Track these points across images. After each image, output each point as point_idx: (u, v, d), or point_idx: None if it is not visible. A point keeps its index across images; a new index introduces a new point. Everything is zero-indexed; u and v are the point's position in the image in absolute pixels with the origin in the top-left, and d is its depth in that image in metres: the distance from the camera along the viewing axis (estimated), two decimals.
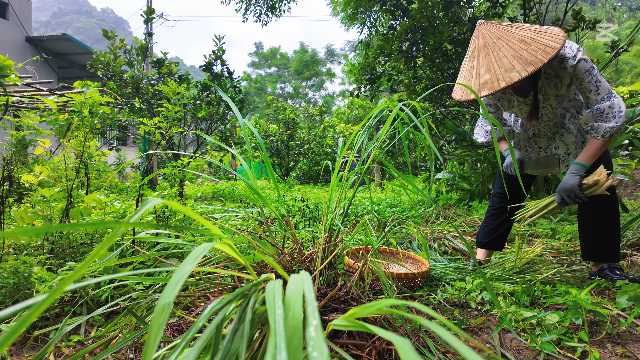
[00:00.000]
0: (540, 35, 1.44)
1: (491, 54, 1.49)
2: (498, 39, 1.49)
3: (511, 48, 1.44)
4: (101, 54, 4.93)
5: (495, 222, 2.01)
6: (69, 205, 1.89)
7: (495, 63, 1.46)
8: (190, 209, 0.43)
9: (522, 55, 1.41)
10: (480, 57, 1.52)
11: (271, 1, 6.39)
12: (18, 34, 11.25)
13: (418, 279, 1.63)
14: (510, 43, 1.46)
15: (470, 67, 1.54)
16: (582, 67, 1.51)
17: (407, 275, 1.58)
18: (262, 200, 1.22)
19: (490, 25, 1.53)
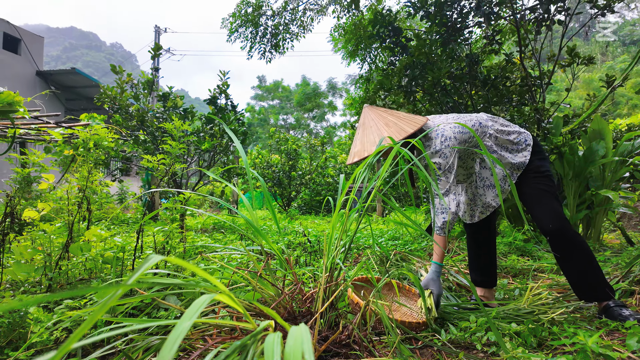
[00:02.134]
0: (402, 121, 1.82)
1: (365, 130, 1.87)
2: (371, 120, 1.87)
3: (377, 128, 1.81)
4: (108, 88, 5.06)
5: (472, 253, 2.10)
6: (69, 241, 1.88)
7: (365, 138, 1.84)
8: (191, 264, 0.43)
9: (382, 134, 1.78)
10: (359, 131, 1.92)
11: (275, 40, 6.62)
12: (29, 68, 11.61)
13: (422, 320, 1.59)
14: (378, 125, 1.83)
15: (354, 138, 1.95)
16: (435, 162, 1.80)
17: (411, 324, 1.54)
18: (262, 238, 1.22)
19: (370, 109, 1.92)
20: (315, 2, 6.74)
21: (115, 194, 8.89)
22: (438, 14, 3.74)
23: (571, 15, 3.44)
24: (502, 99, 3.80)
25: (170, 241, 2.03)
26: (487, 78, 3.78)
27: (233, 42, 6.71)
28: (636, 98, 25.22)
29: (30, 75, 11.60)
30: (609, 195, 3.05)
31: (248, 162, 10.55)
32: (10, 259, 1.93)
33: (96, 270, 1.97)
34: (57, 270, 1.81)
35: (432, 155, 1.80)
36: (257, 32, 6.58)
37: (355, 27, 5.56)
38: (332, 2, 6.60)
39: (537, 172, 1.82)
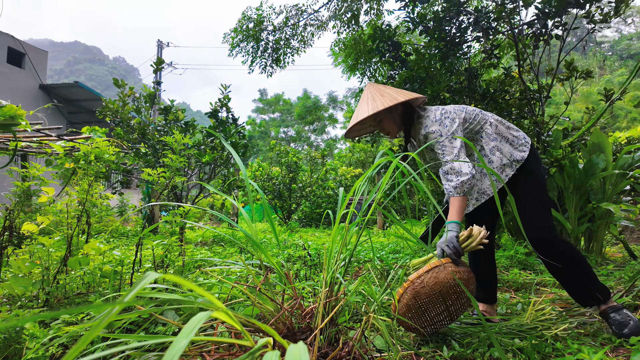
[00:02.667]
0: (397, 93, 1.85)
1: (361, 102, 1.93)
2: (369, 93, 1.91)
3: (373, 99, 1.86)
4: (110, 101, 5.10)
5: (472, 269, 2.04)
6: (67, 254, 1.87)
7: (359, 107, 1.92)
8: (189, 281, 0.42)
9: (375, 103, 1.82)
10: (359, 105, 1.96)
11: (276, 54, 6.70)
12: (32, 82, 11.73)
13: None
14: (374, 95, 1.87)
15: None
16: (431, 137, 1.81)
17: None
18: (261, 252, 1.21)
19: (371, 85, 1.96)
20: (316, 17, 6.84)
21: (115, 206, 8.87)
22: (437, 28, 3.79)
23: (568, 30, 3.48)
24: (502, 112, 3.82)
25: (169, 255, 2.02)
26: (486, 92, 3.81)
27: (235, 56, 6.79)
28: (635, 111, 25.37)
29: (33, 89, 11.72)
30: (610, 209, 3.04)
31: (249, 174, 10.57)
32: (8, 273, 1.91)
33: (94, 284, 1.95)
34: (55, 285, 1.79)
35: (432, 124, 1.80)
36: (258, 46, 6.66)
37: (355, 42, 5.63)
38: (332, 17, 6.70)
39: (530, 174, 1.80)
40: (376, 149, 14.23)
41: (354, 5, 6.52)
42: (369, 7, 6.60)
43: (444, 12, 3.72)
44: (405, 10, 3.95)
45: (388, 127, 1.94)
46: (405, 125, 1.92)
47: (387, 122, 1.92)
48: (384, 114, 1.89)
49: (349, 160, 17.08)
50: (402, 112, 1.92)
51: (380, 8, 6.58)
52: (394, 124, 1.93)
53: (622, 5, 3.12)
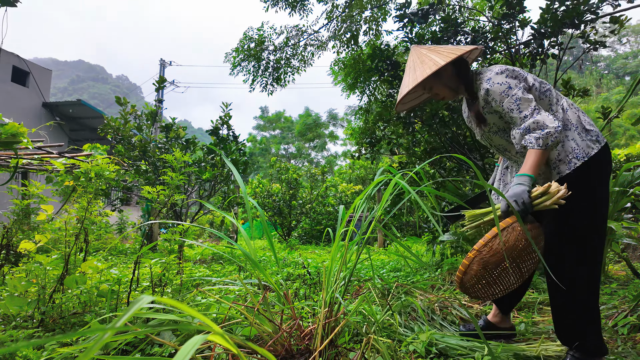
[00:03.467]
0: (439, 54, 1.65)
1: (404, 75, 1.76)
2: (411, 62, 1.74)
3: (413, 69, 1.69)
4: (112, 119, 5.15)
5: None
6: (64, 273, 1.85)
7: (403, 81, 1.75)
8: (184, 304, 0.42)
9: (415, 74, 1.66)
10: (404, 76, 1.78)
11: (276, 73, 6.81)
12: (35, 100, 11.87)
13: None
14: (415, 64, 1.71)
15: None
16: (495, 90, 1.53)
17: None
18: (260, 272, 1.20)
19: (413, 49, 1.79)
20: (316, 38, 6.98)
21: (114, 223, 8.84)
22: None
23: (564, 50, 3.54)
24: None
25: (167, 273, 2.00)
26: None
27: (236, 75, 6.90)
28: (633, 129, 25.56)
29: (36, 107, 11.85)
30: (611, 226, 3.02)
31: (249, 191, 10.56)
32: (4, 292, 1.89)
33: (90, 303, 1.92)
34: (51, 304, 1.77)
35: (495, 76, 1.54)
36: (259, 66, 6.78)
37: (355, 61, 5.72)
38: (332, 38, 6.83)
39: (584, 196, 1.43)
40: (376, 166, 14.28)
41: (353, 26, 6.66)
42: (368, 27, 6.74)
43: (442, 32, 3.79)
44: (403, 31, 4.03)
45: (441, 93, 1.74)
46: (464, 84, 1.69)
47: (437, 88, 1.72)
48: (432, 81, 1.69)
49: (349, 176, 17.11)
50: (453, 72, 1.70)
51: (379, 29, 6.72)
52: (446, 87, 1.72)
53: (616, 25, 3.18)
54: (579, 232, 1.44)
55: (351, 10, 6.60)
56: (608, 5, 3.11)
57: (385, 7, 6.66)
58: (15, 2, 2.04)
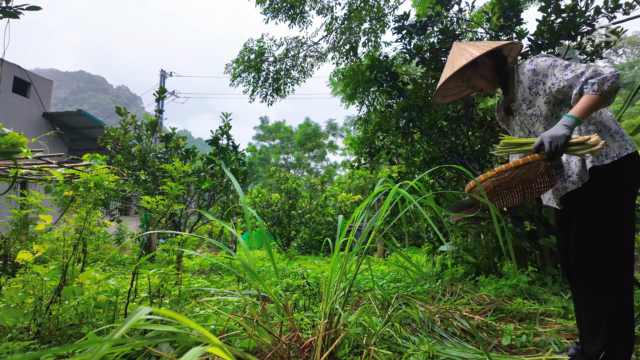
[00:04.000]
0: (477, 47, 1.75)
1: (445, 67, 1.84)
2: (451, 57, 1.83)
3: (451, 62, 1.79)
4: (112, 129, 5.16)
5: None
6: (62, 284, 1.83)
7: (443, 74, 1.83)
8: (182, 315, 0.41)
9: (453, 65, 1.75)
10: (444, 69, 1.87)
11: (276, 84, 6.87)
12: (36, 110, 11.92)
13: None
14: (453, 57, 1.80)
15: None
16: (541, 66, 1.60)
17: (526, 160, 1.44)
18: (259, 282, 1.19)
19: (454, 46, 1.88)
20: (316, 49, 7.05)
21: (113, 233, 8.80)
22: (433, 59, 3.89)
23: None
24: (499, 140, 3.86)
25: (165, 284, 1.98)
26: (483, 120, 3.86)
27: (236, 86, 6.95)
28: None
29: (36, 117, 11.89)
30: None
31: (248, 201, 10.54)
32: (0, 303, 1.87)
33: (88, 314, 1.90)
34: (47, 315, 1.75)
35: (537, 58, 1.62)
36: (259, 77, 6.83)
37: (354, 72, 5.77)
38: (331, 49, 6.90)
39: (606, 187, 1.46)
40: (376, 176, 14.29)
41: (352, 38, 6.74)
42: (367, 39, 6.82)
43: (440, 44, 3.83)
44: (402, 42, 4.07)
45: (479, 85, 1.81)
46: (500, 78, 1.77)
47: (475, 79, 1.79)
48: (470, 72, 1.77)
49: (348, 186, 17.11)
50: (492, 65, 1.78)
51: (377, 40, 6.79)
52: (484, 79, 1.79)
53: (613, 36, 3.22)
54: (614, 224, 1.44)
55: (350, 22, 6.68)
56: (604, 17, 3.15)
57: (383, 19, 6.74)
58: (17, 13, 2.06)
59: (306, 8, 6.74)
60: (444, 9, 3.97)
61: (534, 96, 1.66)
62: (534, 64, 1.62)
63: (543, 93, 1.62)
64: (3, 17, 2.04)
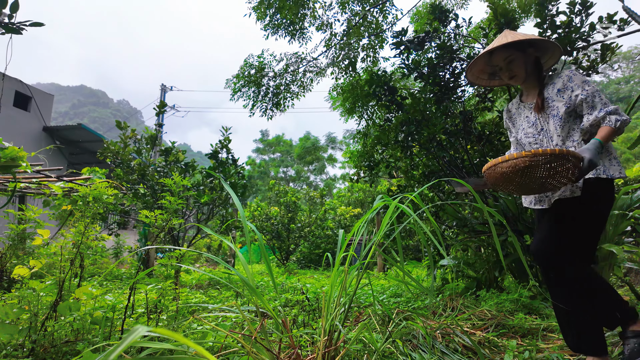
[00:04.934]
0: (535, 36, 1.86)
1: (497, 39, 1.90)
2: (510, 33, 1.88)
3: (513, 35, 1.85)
4: (112, 143, 5.18)
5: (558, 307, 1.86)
6: (58, 299, 1.81)
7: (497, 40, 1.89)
8: (178, 334, 0.40)
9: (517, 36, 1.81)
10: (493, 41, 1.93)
11: (276, 99, 6.93)
12: (37, 124, 11.98)
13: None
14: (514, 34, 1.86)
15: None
16: (578, 77, 1.75)
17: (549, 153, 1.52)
18: (258, 299, 1.17)
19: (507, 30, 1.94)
20: (315, 65, 7.14)
21: (111, 247, 8.74)
22: (431, 74, 3.93)
23: None
24: (498, 153, 3.88)
25: (162, 299, 1.96)
26: (482, 133, 3.88)
27: (236, 100, 7.00)
28: (628, 152, 25.80)
29: (37, 131, 11.94)
30: (612, 250, 3.00)
31: (247, 214, 10.50)
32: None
33: (84, 331, 1.87)
34: (43, 332, 1.72)
35: (572, 71, 1.78)
36: (259, 91, 6.89)
37: (353, 87, 5.83)
38: (330, 65, 6.98)
39: (596, 203, 1.68)
40: (375, 189, 14.28)
41: (351, 54, 6.83)
42: (366, 55, 6.91)
43: (438, 59, 3.88)
44: (400, 58, 4.12)
45: (517, 69, 1.87)
46: (537, 74, 1.88)
47: (517, 63, 1.86)
48: (518, 54, 1.85)
49: (347, 199, 17.09)
50: (535, 59, 1.88)
51: (376, 56, 6.88)
52: (524, 67, 1.87)
53: (607, 52, 3.27)
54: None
55: (349, 38, 6.77)
56: (599, 33, 3.20)
57: (382, 35, 6.84)
58: (20, 29, 2.09)
59: (306, 24, 6.84)
60: (442, 25, 4.03)
61: (558, 98, 1.82)
62: (574, 73, 1.78)
63: (567, 99, 1.79)
64: (6, 33, 2.07)
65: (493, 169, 1.55)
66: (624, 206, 3.35)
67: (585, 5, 3.16)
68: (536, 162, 1.48)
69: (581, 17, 3.21)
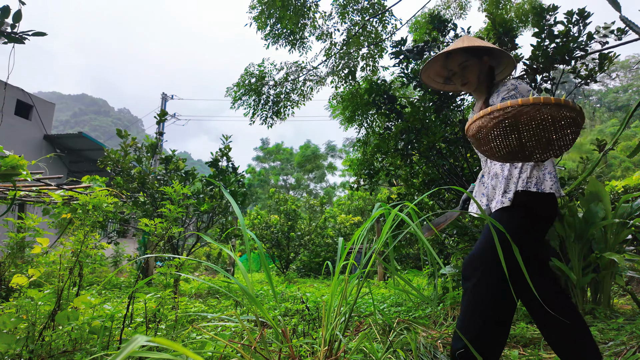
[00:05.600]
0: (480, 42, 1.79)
1: (461, 40, 1.82)
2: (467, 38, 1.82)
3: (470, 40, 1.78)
4: (112, 151, 5.19)
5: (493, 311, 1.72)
6: (56, 308, 1.79)
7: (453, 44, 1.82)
8: (179, 344, 0.40)
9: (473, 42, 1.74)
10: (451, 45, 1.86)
11: (276, 107, 6.96)
12: (37, 133, 12.01)
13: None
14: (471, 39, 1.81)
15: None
16: (524, 87, 1.67)
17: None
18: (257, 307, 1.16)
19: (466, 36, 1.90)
20: (315, 74, 7.18)
21: (110, 256, 8.70)
22: None
23: (557, 85, 3.64)
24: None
25: (161, 309, 1.94)
26: None
27: (237, 109, 7.04)
28: (628, 161, 25.85)
29: (37, 139, 11.97)
30: (614, 258, 2.99)
31: (247, 222, 10.47)
32: None
33: (82, 341, 1.85)
34: (40, 342, 1.70)
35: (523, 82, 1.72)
36: (259, 100, 6.93)
37: (352, 95, 5.86)
38: (330, 74, 7.03)
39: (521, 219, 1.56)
40: (375, 197, 14.26)
41: (351, 63, 6.88)
42: (365, 64, 6.96)
43: None
44: (399, 67, 4.15)
45: (468, 77, 1.81)
46: (488, 82, 1.81)
47: (471, 70, 1.80)
48: (472, 61, 1.79)
49: (347, 207, 17.06)
50: (489, 68, 1.82)
51: (375, 65, 6.93)
52: (477, 74, 1.81)
53: (605, 61, 3.29)
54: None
55: (349, 47, 6.83)
56: (597, 42, 3.23)
57: (381, 45, 6.90)
58: (23, 39, 2.10)
59: (306, 34, 6.90)
60: (441, 35, 4.07)
61: None
62: (519, 82, 1.71)
63: None
64: (9, 42, 2.08)
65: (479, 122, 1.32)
66: (625, 214, 3.35)
67: (582, 15, 3.20)
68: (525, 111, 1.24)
69: (579, 26, 3.24)
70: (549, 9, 3.34)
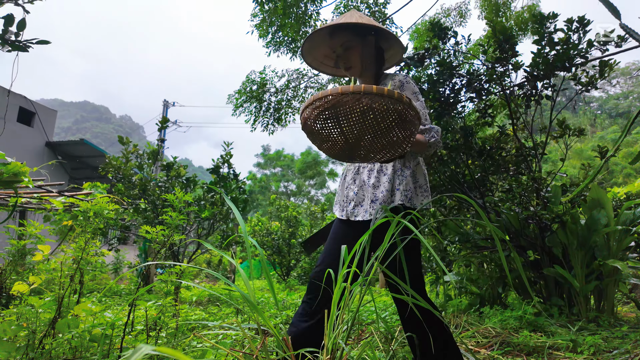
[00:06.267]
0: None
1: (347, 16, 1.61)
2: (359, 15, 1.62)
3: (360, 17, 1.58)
4: (113, 158, 5.20)
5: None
6: (57, 316, 1.78)
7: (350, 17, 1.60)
8: (180, 352, 0.40)
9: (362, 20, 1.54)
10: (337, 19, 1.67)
11: (277, 114, 7.00)
12: (39, 139, 12.06)
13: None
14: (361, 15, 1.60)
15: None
16: (411, 87, 1.61)
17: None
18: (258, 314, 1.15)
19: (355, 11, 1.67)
20: (316, 80, 7.22)
21: (110, 262, 8.68)
22: (431, 90, 3.97)
23: (557, 91, 3.64)
24: (499, 168, 3.88)
25: (162, 316, 1.93)
26: (483, 148, 3.89)
27: (238, 115, 7.08)
28: (629, 167, 25.82)
29: (39, 146, 12.02)
30: (617, 266, 2.97)
31: (248, 229, 10.44)
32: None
33: (82, 349, 1.84)
34: (40, 350, 1.69)
35: (412, 80, 1.65)
36: (261, 107, 6.97)
37: None
38: (331, 80, 7.07)
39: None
40: None
41: None
42: None
43: (438, 75, 3.92)
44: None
45: (352, 60, 1.62)
46: (376, 67, 1.66)
47: (354, 52, 1.61)
48: (356, 42, 1.59)
49: None
50: (375, 51, 1.64)
51: None
52: (361, 58, 1.61)
53: (606, 68, 3.30)
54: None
55: None
56: (597, 50, 3.24)
57: None
58: (27, 47, 2.12)
59: None
60: (441, 42, 4.09)
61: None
62: (407, 80, 1.64)
63: None
64: (12, 50, 2.10)
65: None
66: (627, 221, 3.33)
67: (582, 22, 3.21)
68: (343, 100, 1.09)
69: (579, 34, 3.25)
70: (549, 16, 3.36)
